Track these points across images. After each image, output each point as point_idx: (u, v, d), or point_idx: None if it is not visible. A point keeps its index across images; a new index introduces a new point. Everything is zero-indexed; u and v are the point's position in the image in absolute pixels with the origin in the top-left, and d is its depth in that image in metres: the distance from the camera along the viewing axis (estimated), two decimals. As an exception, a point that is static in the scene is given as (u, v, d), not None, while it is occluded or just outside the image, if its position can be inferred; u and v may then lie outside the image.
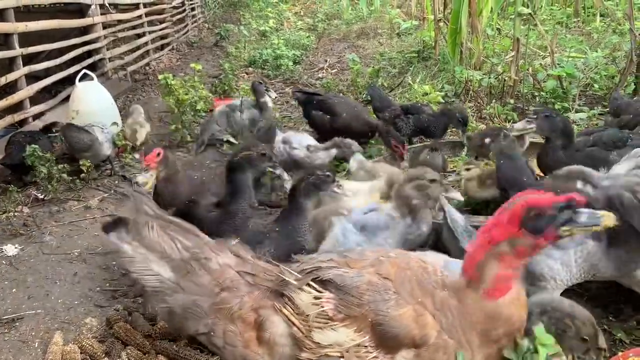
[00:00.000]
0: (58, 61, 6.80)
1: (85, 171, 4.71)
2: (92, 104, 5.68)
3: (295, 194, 2.83)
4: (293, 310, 1.77)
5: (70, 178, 4.66)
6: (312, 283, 1.78)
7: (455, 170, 4.36)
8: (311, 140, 4.63)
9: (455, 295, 1.75)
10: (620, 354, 2.44)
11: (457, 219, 2.83)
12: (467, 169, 3.70)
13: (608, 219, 1.62)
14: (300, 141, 4.55)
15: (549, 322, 2.19)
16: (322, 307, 1.73)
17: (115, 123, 5.50)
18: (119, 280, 3.39)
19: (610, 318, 2.80)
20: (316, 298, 1.75)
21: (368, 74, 7.97)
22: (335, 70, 9.54)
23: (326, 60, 10.23)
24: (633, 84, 6.25)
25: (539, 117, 3.93)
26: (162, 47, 11.18)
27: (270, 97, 5.46)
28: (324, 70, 9.47)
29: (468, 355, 1.72)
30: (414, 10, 12.54)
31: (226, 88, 7.76)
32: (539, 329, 1.87)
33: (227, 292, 1.82)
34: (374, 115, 5.61)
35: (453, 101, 6.69)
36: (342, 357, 1.69)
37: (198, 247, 1.84)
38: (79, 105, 5.65)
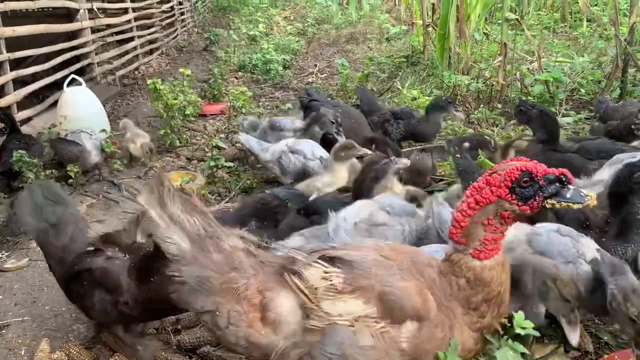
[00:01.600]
0: (46, 66, 6.75)
1: (73, 177, 4.69)
2: (80, 109, 5.66)
3: (360, 184, 3.38)
4: (303, 283, 1.81)
5: (58, 184, 4.63)
6: (320, 261, 1.83)
7: (443, 174, 4.40)
8: (320, 150, 4.54)
9: (438, 271, 1.86)
10: (605, 356, 2.47)
11: (447, 219, 2.84)
12: None
13: (592, 199, 1.65)
14: (313, 151, 4.47)
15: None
16: (331, 280, 1.77)
17: (104, 130, 5.48)
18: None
19: (597, 321, 2.82)
20: (325, 272, 1.80)
21: (357, 78, 8.00)
22: (325, 74, 9.57)
23: (316, 65, 10.26)
24: (619, 88, 6.33)
25: (514, 111, 3.99)
26: (151, 52, 11.16)
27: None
28: (314, 75, 9.50)
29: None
30: (403, 16, 12.63)
31: (215, 93, 7.76)
32: (517, 315, 1.93)
33: (235, 272, 1.85)
34: None
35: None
36: (352, 325, 1.73)
37: (212, 227, 1.89)
38: (67, 110, 5.62)
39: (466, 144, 4.42)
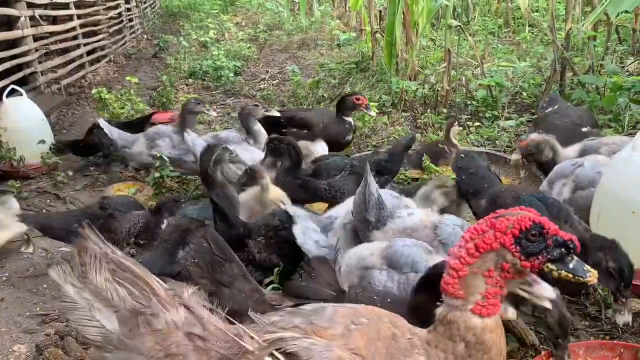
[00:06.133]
0: (-16, 76, 6.52)
1: (14, 192, 4.53)
2: (21, 121, 5.49)
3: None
4: None
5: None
6: (275, 353, 1.49)
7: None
8: (260, 154, 4.49)
9: (425, 351, 1.57)
10: (543, 352, 2.58)
11: (374, 191, 2.93)
12: None
13: (593, 276, 1.52)
14: (253, 158, 4.40)
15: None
16: None
17: (42, 141, 5.36)
18: (50, 304, 3.29)
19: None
20: None
21: (308, 85, 8.05)
22: (277, 81, 9.57)
23: (267, 71, 10.25)
24: (558, 92, 6.60)
25: (265, 146, 4.24)
26: (98, 59, 10.89)
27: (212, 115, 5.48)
28: (265, 82, 9.49)
29: None
30: (353, 22, 12.76)
31: (164, 100, 7.65)
32: None
33: None
34: None
35: (390, 111, 6.85)
36: None
37: (145, 299, 1.58)
38: (7, 122, 5.45)
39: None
